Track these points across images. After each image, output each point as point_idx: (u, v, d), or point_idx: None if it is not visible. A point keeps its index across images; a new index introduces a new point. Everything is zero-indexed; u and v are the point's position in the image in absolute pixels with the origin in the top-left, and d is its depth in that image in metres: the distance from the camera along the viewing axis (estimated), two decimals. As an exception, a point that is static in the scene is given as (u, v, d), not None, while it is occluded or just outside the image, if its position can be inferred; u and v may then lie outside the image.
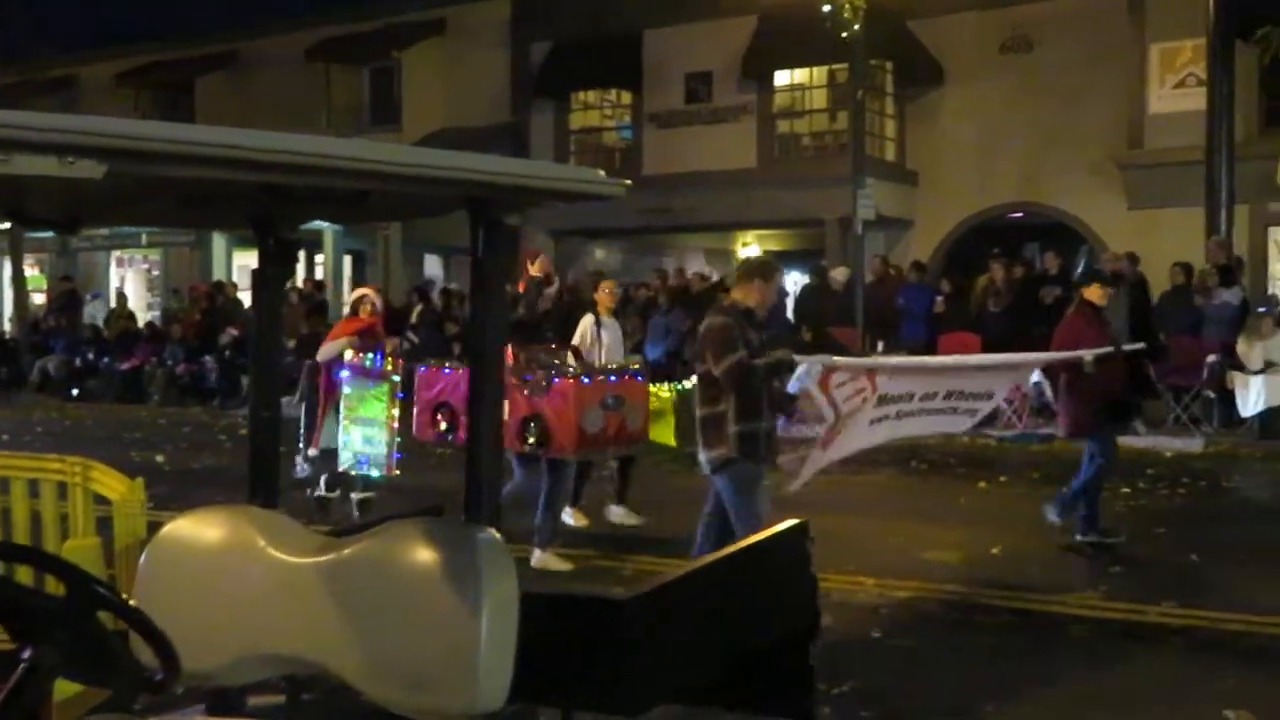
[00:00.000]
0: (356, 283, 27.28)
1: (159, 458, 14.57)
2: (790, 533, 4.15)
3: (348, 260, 27.78)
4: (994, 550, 9.18)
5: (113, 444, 15.75)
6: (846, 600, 7.58)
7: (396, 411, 9.99)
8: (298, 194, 2.94)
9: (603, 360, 10.13)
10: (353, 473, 10.07)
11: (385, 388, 9.96)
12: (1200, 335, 16.47)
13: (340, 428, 10.04)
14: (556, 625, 3.14)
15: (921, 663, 6.63)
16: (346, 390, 10.01)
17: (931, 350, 18.27)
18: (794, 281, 24.60)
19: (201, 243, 28.67)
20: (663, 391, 10.12)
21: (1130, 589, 7.92)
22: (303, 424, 11.02)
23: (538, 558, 8.54)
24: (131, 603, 2.61)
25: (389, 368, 10.07)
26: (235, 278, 26.88)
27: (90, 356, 24.45)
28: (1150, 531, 9.96)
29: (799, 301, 20.61)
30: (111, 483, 5.58)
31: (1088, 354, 9.02)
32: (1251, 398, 15.35)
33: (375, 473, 9.94)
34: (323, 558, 3.08)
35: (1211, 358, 15.85)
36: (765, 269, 7.31)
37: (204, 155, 2.36)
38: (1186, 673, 6.39)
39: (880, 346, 19.48)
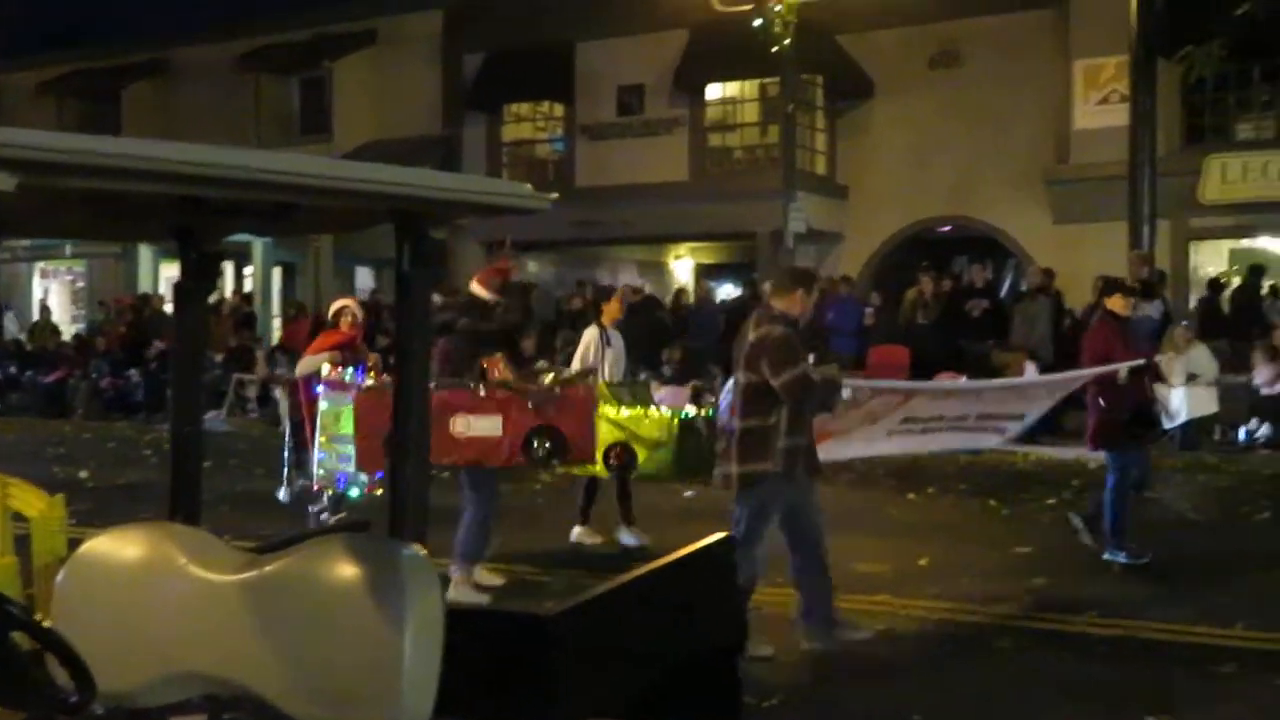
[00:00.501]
0: (286, 295, 27.04)
1: (82, 473, 14.34)
2: (716, 546, 4.16)
3: (277, 272, 27.52)
4: (922, 562, 9.25)
5: (34, 460, 15.46)
6: (775, 613, 7.60)
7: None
8: (220, 207, 2.90)
9: (608, 375, 9.87)
10: (328, 492, 9.62)
11: None
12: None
13: (315, 445, 9.63)
14: (482, 642, 3.12)
15: (849, 674, 6.66)
16: (323, 406, 9.54)
17: (860, 364, 18.44)
18: (725, 294, 24.73)
19: (127, 254, 28.30)
20: (663, 419, 9.31)
21: (1055, 599, 8.02)
22: (286, 446, 10.63)
23: (462, 575, 8.10)
24: (47, 623, 2.56)
25: (370, 381, 9.55)
26: (162, 290, 26.54)
27: (12, 370, 24.04)
28: (1076, 542, 10.08)
29: (729, 315, 20.68)
30: (30, 499, 5.49)
31: (1123, 366, 8.92)
32: (1173, 410, 15.61)
33: (355, 492, 9.47)
34: (245, 575, 3.04)
35: (1030, 366, 16.15)
36: (806, 279, 7.10)
37: (120, 168, 2.32)
38: (1110, 681, 6.47)
39: (811, 359, 19.60)
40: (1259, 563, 9.14)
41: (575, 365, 10.14)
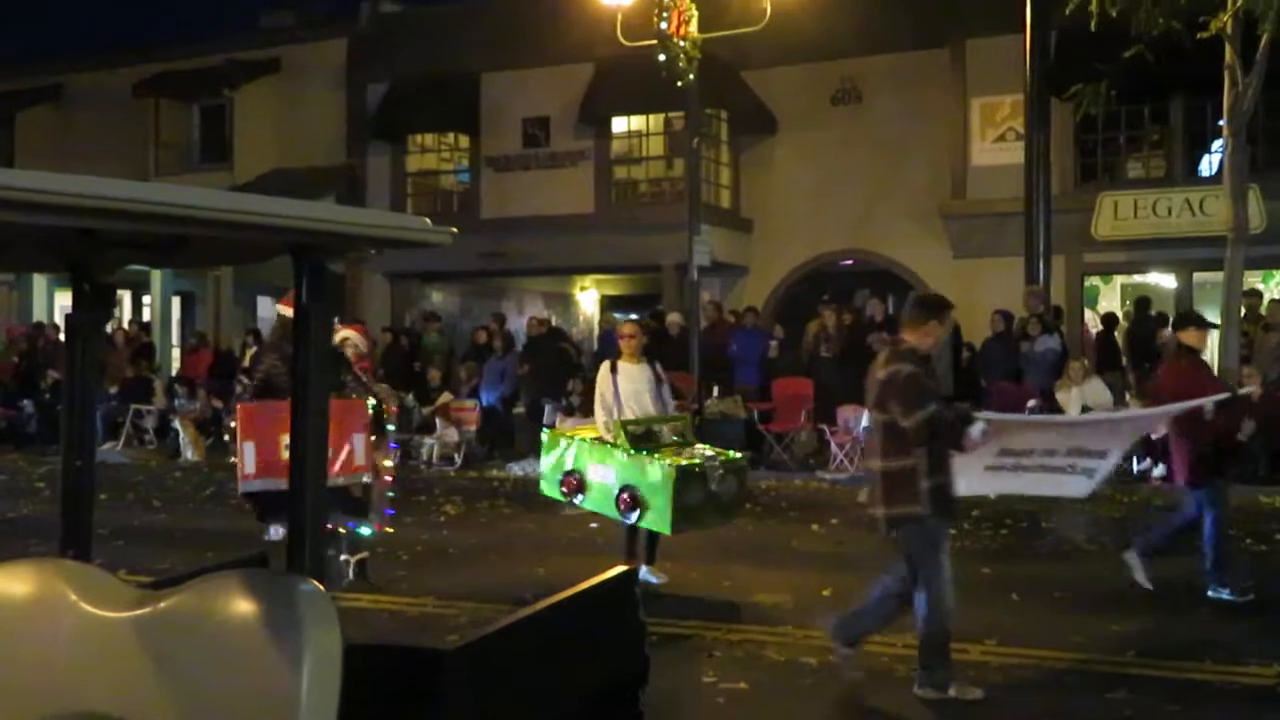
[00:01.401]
0: (186, 325, 26.62)
1: (-29, 507, 13.98)
2: (618, 579, 4.17)
3: (176, 302, 27.10)
4: (825, 592, 9.31)
5: (-79, 492, 15.06)
6: (679, 645, 7.62)
7: (390, 462, 9.39)
8: (112, 239, 2.86)
9: (624, 413, 9.32)
10: (340, 530, 9.23)
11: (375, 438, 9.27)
12: (1021, 381, 17.05)
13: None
14: (379, 678, 3.10)
15: (753, 705, 6.69)
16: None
17: (766, 395, 18.59)
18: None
19: (21, 282, 27.67)
20: (658, 467, 8.80)
21: (954, 629, 8.10)
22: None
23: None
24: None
25: (386, 415, 9.41)
26: (57, 318, 25.99)
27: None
28: (976, 572, 10.21)
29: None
30: (-85, 535, 5.34)
31: (1208, 401, 8.74)
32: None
33: (366, 530, 9.27)
34: (138, 611, 2.98)
35: (1032, 402, 16.41)
36: (939, 308, 6.78)
37: (8, 199, 2.28)
38: (1007, 709, 6.57)
39: (715, 391, 19.75)
40: (1150, 592, 9.32)
41: (596, 407, 9.69)
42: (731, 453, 9.49)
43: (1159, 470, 15.66)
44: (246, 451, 9.01)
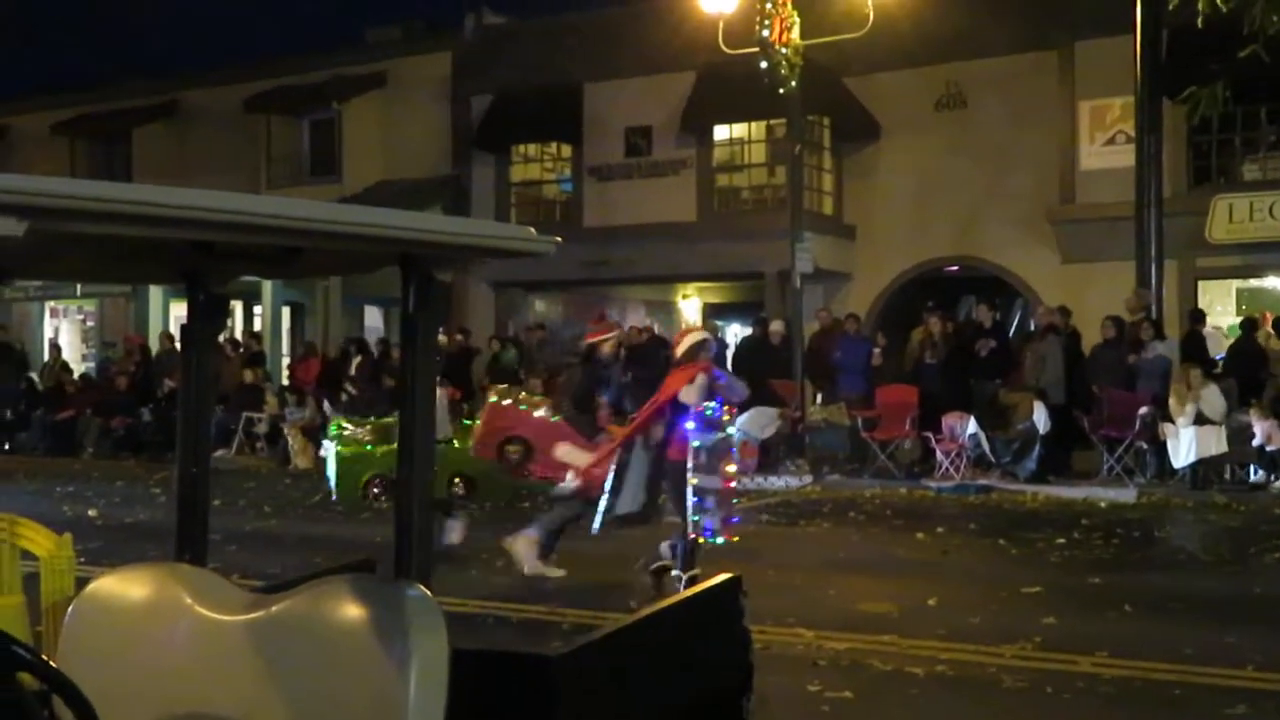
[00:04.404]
0: (295, 335, 27.09)
1: (91, 512, 14.36)
2: (723, 586, 4.16)
3: (286, 312, 27.63)
4: (930, 601, 9.22)
5: (43, 498, 15.51)
6: (784, 653, 7.58)
7: (732, 468, 9.36)
8: (227, 250, 2.93)
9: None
10: (701, 540, 9.23)
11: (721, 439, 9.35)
12: (1133, 388, 16.72)
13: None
14: (487, 683, 3.13)
15: (858, 715, 6.63)
16: (695, 444, 9.21)
17: (870, 402, 18.43)
18: (734, 333, 24.77)
19: (137, 293, 28.40)
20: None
21: (1064, 639, 7.98)
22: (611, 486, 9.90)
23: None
24: (54, 663, 2.57)
25: (726, 418, 9.40)
26: (173, 328, 26.61)
27: (22, 408, 24.10)
28: (1085, 582, 10.07)
29: (738, 353, 20.72)
30: (38, 538, 5.50)
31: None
32: (1183, 449, 15.62)
33: (719, 539, 9.24)
34: (250, 615, 3.05)
35: (1144, 410, 16.09)
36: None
37: (126, 213, 2.35)
38: (1119, 723, 6.45)
39: (819, 398, 19.65)
40: (1270, 603, 9.09)
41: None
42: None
43: (1277, 484, 15.27)
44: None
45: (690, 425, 9.17)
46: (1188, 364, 16.51)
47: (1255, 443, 15.51)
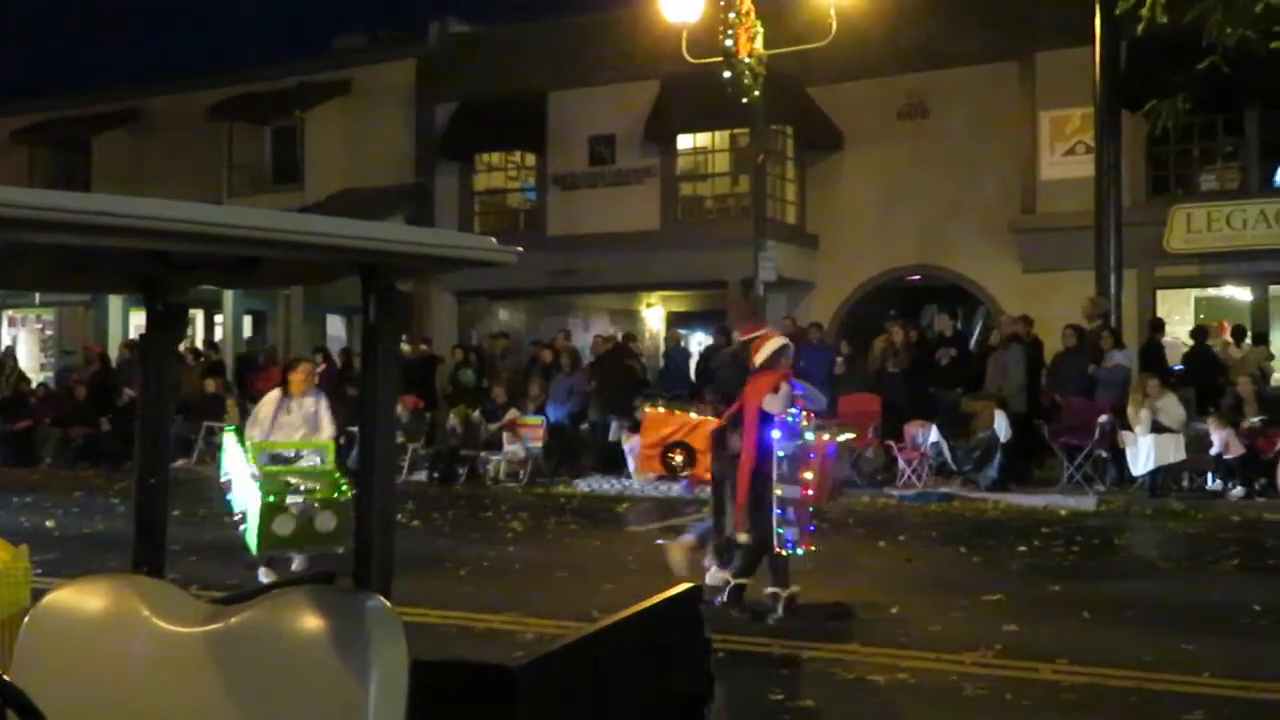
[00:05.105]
0: (255, 343, 26.94)
1: (49, 523, 14.23)
2: (684, 596, 4.16)
3: (248, 320, 27.45)
4: (892, 609, 9.25)
5: (1, 509, 15.34)
6: (746, 662, 7.59)
7: (810, 474, 9.10)
8: (185, 260, 2.91)
9: (272, 435, 10.17)
10: (784, 553, 9.04)
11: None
12: (1093, 396, 16.85)
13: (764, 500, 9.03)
14: (448, 694, 3.11)
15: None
16: (780, 454, 9.02)
17: (832, 411, 18.46)
18: (698, 342, 24.79)
19: (97, 302, 28.15)
20: (255, 492, 9.35)
21: (1025, 647, 8.03)
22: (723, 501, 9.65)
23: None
24: (7, 676, 2.55)
25: (805, 424, 9.19)
26: (133, 337, 26.39)
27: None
28: (1045, 589, 10.14)
29: (702, 362, 20.75)
30: (-6, 550, 5.44)
31: None
32: (1141, 457, 15.75)
33: (799, 550, 9.09)
34: (208, 627, 3.03)
35: (1103, 418, 16.22)
36: None
37: (82, 224, 2.33)
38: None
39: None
40: (1226, 610, 9.18)
41: (249, 422, 10.33)
42: (341, 488, 9.41)
43: (1238, 490, 15.41)
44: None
45: (777, 434, 9.04)
46: (1146, 373, 16.67)
47: (1213, 451, 15.66)
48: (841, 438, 10.07)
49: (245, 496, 9.56)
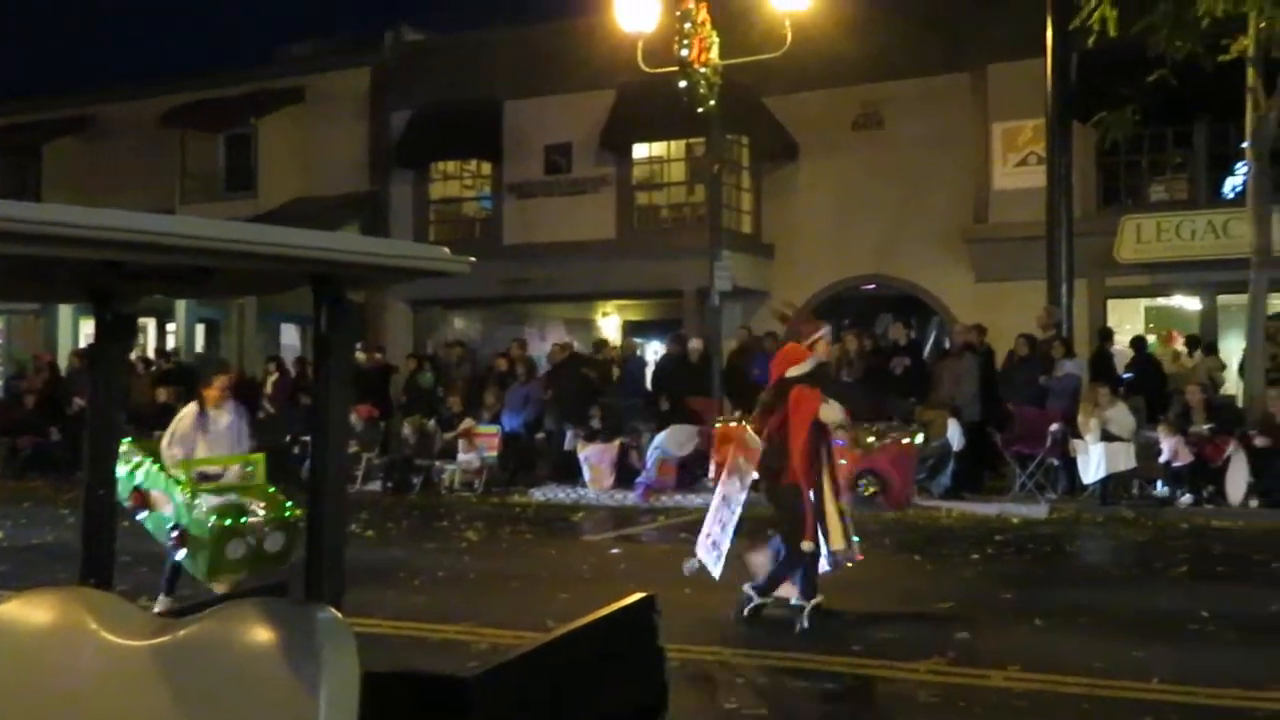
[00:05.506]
0: (210, 352, 26.72)
1: (-3, 534, 14.06)
2: (637, 606, 4.17)
3: (200, 329, 27.25)
4: (846, 616, 9.28)
5: (-53, 520, 15.14)
6: (700, 671, 7.61)
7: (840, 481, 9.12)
8: (136, 270, 2.89)
9: (196, 453, 9.67)
10: (850, 564, 9.13)
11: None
12: (1045, 405, 16.99)
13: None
14: (400, 705, 3.10)
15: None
16: (842, 461, 9.09)
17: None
18: (653, 351, 24.84)
19: (47, 310, 27.88)
20: (201, 515, 8.86)
21: (977, 654, 8.09)
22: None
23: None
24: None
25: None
26: (84, 346, 26.13)
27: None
28: (998, 597, 10.21)
29: (658, 371, 20.77)
30: (-60, 562, 5.38)
31: None
32: (1092, 466, 15.89)
33: (850, 563, 9.14)
34: (157, 640, 3.00)
35: (1054, 427, 16.36)
36: None
37: (29, 234, 2.31)
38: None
39: (737, 415, 19.71)
40: (1175, 617, 9.27)
41: (165, 439, 9.76)
42: (287, 506, 9.20)
43: (1187, 498, 15.58)
44: None
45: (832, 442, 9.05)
46: (1096, 382, 16.84)
47: (1162, 459, 15.82)
48: (919, 439, 10.12)
49: (171, 512, 9.07)
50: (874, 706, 7.10)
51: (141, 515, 9.30)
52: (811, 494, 8.94)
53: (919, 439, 9.79)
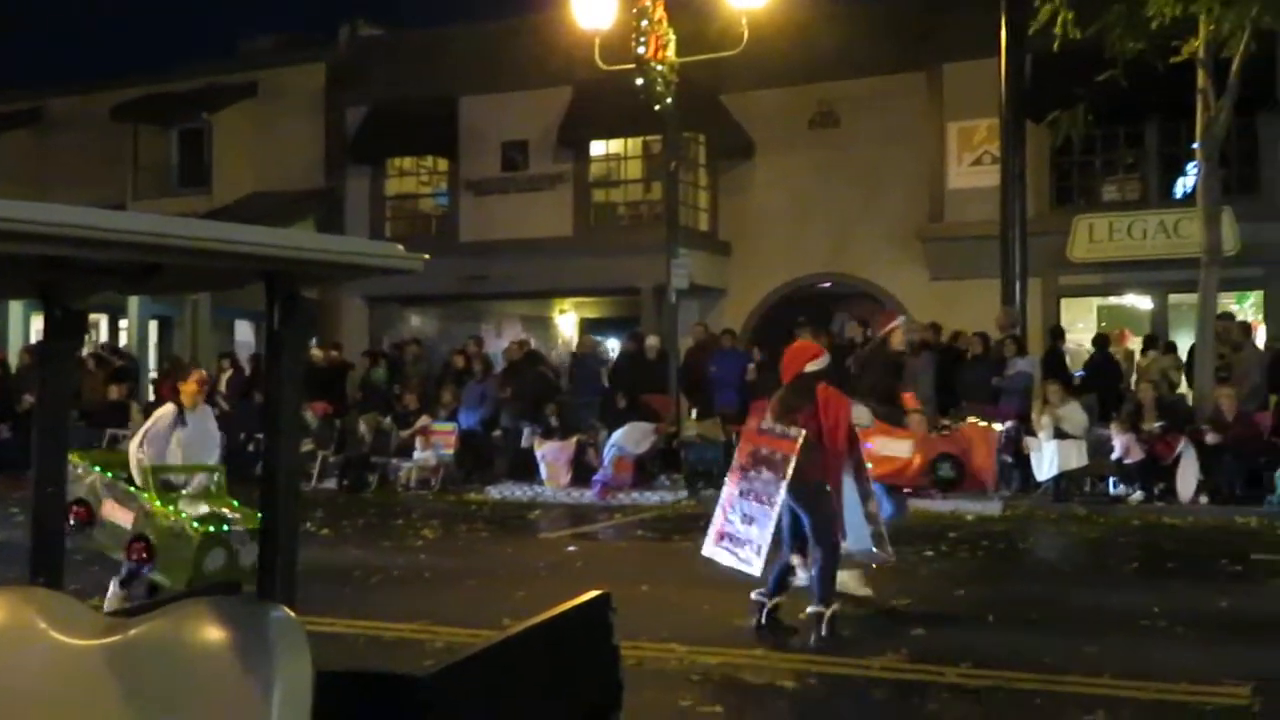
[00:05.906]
0: (163, 349, 26.46)
1: (-55, 532, 13.88)
2: (592, 604, 4.17)
3: (154, 326, 26.98)
4: (801, 615, 9.30)
5: (-106, 518, 14.94)
6: (656, 668, 7.61)
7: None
8: (85, 266, 2.86)
9: (180, 459, 9.25)
10: (856, 555, 9.05)
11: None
12: (997, 403, 17.11)
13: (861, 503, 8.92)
14: (353, 705, 3.09)
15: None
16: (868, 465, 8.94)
17: (743, 417, 18.57)
18: (612, 348, 24.82)
19: (-4, 306, 27.55)
20: (178, 524, 8.50)
21: (930, 650, 8.13)
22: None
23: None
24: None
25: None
26: (34, 341, 25.83)
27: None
28: (951, 594, 10.28)
29: (615, 368, 20.76)
30: (-114, 562, 5.31)
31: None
32: (1045, 463, 16.03)
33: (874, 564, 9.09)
34: (107, 640, 2.97)
35: (1007, 424, 16.47)
36: None
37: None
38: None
39: (694, 413, 19.76)
40: (1126, 613, 9.36)
41: (135, 441, 9.40)
42: (257, 518, 9.08)
43: (1138, 495, 15.74)
44: None
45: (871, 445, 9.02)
46: (1048, 380, 16.97)
47: (1114, 456, 15.98)
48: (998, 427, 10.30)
49: (129, 522, 8.70)
50: (828, 703, 7.13)
51: (89, 532, 8.92)
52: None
53: (997, 427, 10.25)
